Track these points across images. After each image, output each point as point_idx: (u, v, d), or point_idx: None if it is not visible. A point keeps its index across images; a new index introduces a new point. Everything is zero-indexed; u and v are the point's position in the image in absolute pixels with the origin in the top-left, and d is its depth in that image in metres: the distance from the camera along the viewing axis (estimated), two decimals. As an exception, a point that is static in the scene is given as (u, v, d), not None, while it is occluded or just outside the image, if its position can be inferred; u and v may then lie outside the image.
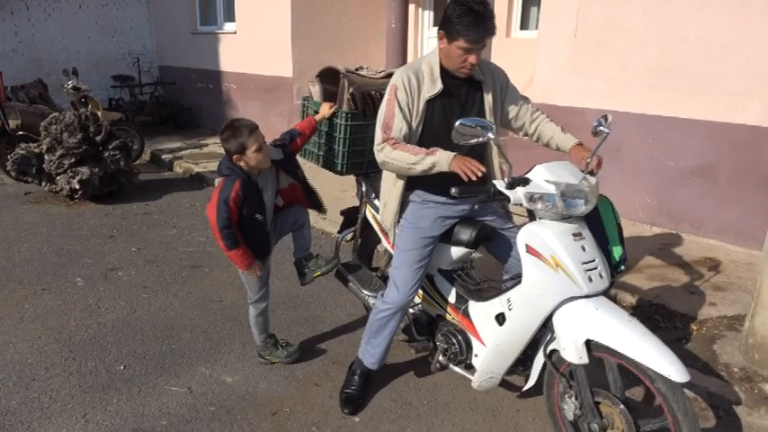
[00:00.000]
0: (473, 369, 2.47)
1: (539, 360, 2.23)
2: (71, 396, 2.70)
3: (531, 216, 2.14)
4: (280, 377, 2.88)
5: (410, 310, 2.75)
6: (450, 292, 2.59)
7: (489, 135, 2.00)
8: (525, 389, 2.31)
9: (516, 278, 2.22)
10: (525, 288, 2.09)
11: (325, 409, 2.64)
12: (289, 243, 2.97)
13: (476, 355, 2.47)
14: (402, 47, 6.12)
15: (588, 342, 1.98)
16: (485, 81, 2.36)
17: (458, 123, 2.00)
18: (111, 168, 5.73)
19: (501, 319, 2.29)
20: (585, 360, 1.99)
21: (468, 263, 2.70)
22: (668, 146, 4.46)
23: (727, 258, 4.04)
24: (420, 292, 2.72)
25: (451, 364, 2.58)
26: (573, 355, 1.99)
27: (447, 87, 2.29)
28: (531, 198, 2.02)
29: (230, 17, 8.58)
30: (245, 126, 2.51)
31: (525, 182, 2.03)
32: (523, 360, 2.32)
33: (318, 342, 3.21)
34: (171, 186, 6.54)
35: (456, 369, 2.57)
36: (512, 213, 2.62)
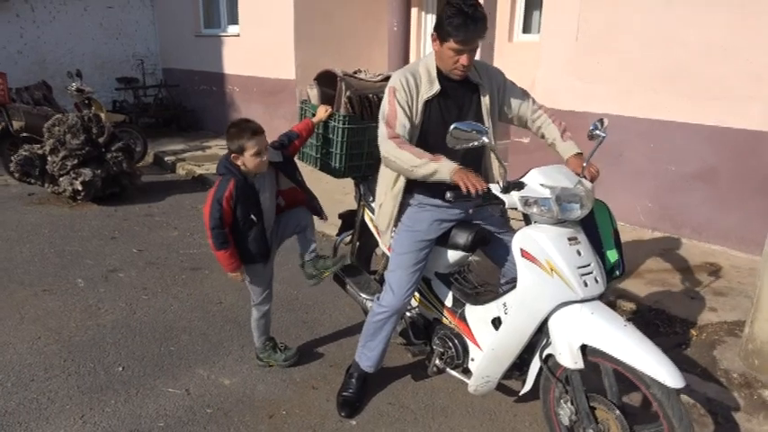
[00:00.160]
0: (470, 373, 2.47)
1: (535, 365, 2.22)
2: (69, 397, 2.71)
3: (527, 220, 2.13)
4: (277, 380, 2.88)
5: (407, 313, 2.75)
6: (447, 295, 2.59)
7: (484, 139, 1.99)
8: (522, 393, 2.31)
9: (513, 282, 2.21)
10: (520, 292, 2.09)
11: (322, 412, 2.64)
12: (287, 246, 2.98)
13: (472, 359, 2.46)
14: (404, 50, 6.14)
15: (584, 347, 1.98)
16: (482, 83, 2.36)
17: (452, 127, 1.98)
18: (114, 170, 5.75)
19: (497, 323, 2.28)
20: (581, 365, 1.99)
21: (466, 266, 2.69)
22: (670, 150, 4.45)
23: (729, 263, 4.02)
24: (417, 295, 2.72)
25: (448, 368, 2.57)
26: (568, 359, 1.99)
27: (444, 89, 2.29)
28: (526, 202, 2.01)
29: (234, 20, 8.62)
30: (249, 128, 2.51)
31: (520, 186, 2.02)
32: (520, 364, 2.32)
33: (317, 345, 3.21)
34: (173, 188, 6.56)
35: (453, 373, 2.57)
36: (509, 217, 2.62)
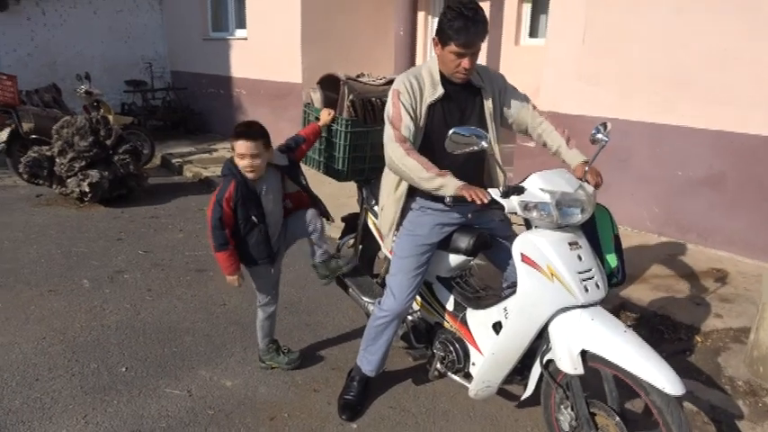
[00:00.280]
0: (471, 377, 2.45)
1: (536, 370, 2.21)
2: (72, 397, 2.73)
3: (528, 225, 2.13)
4: (279, 382, 2.88)
5: (409, 317, 2.75)
6: (449, 299, 2.58)
7: (483, 144, 1.98)
8: (523, 398, 2.30)
9: (515, 286, 2.20)
10: (521, 297, 2.08)
11: (323, 415, 2.64)
12: (290, 248, 2.98)
13: (473, 364, 2.46)
14: (410, 54, 6.14)
15: (584, 352, 1.97)
16: (484, 87, 2.36)
17: (451, 132, 1.97)
18: (121, 172, 5.80)
19: (498, 327, 2.28)
20: (581, 370, 1.98)
21: (467, 270, 2.68)
22: (676, 155, 4.42)
23: (735, 269, 3.99)
24: (418, 299, 2.72)
25: (449, 373, 2.57)
26: (568, 365, 1.98)
27: (447, 92, 2.29)
28: (526, 207, 2.00)
29: (241, 24, 8.67)
30: (240, 131, 2.51)
31: (520, 190, 2.02)
32: (521, 369, 2.31)
33: (319, 348, 3.22)
34: (180, 190, 6.59)
35: (454, 377, 2.56)
36: (512, 222, 2.61)
